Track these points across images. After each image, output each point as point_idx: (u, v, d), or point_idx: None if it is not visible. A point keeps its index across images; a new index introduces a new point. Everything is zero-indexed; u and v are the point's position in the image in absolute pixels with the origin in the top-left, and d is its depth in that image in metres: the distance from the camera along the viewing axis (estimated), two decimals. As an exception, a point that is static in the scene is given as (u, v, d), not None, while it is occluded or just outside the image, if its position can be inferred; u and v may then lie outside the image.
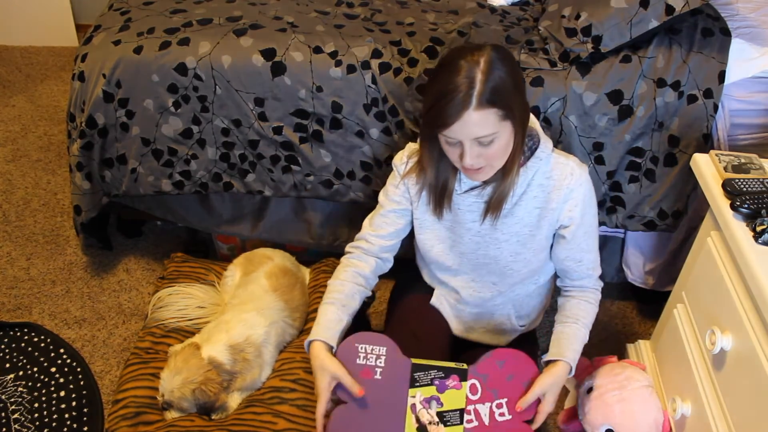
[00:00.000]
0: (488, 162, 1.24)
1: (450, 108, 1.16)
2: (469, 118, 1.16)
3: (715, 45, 1.61)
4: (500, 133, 1.20)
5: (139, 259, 2.09)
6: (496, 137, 1.20)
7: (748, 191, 1.28)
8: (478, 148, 1.21)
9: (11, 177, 2.38)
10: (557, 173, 1.33)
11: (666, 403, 1.49)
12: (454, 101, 1.16)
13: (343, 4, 1.94)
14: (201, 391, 1.45)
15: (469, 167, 1.24)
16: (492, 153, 1.22)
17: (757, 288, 1.12)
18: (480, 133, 1.18)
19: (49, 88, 2.89)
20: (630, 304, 2.03)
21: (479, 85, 1.15)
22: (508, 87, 1.18)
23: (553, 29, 1.71)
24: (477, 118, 1.16)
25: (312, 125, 1.72)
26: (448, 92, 1.17)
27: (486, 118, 1.17)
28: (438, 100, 1.18)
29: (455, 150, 1.23)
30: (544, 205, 1.35)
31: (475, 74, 1.16)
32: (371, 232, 1.49)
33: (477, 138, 1.19)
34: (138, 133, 1.76)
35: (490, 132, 1.18)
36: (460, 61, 1.18)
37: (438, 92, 1.19)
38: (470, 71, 1.16)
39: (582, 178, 1.33)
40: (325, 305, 1.42)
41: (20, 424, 1.57)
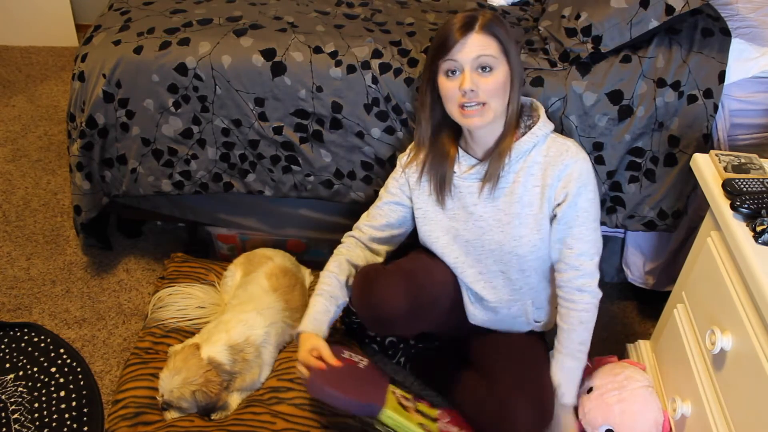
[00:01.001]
0: (486, 96, 1.30)
1: (453, 34, 1.28)
2: (472, 40, 1.28)
3: (715, 45, 1.61)
4: (499, 64, 1.30)
5: (139, 259, 2.09)
6: (495, 67, 1.29)
7: (748, 191, 1.28)
8: (477, 76, 1.29)
9: (11, 177, 2.38)
10: (553, 150, 1.37)
11: (666, 403, 1.49)
12: (458, 26, 1.28)
13: (343, 4, 1.94)
14: (202, 393, 1.45)
15: (467, 93, 1.29)
16: (489, 85, 1.29)
17: (757, 288, 1.12)
18: (482, 52, 1.28)
19: (49, 88, 2.89)
20: (630, 304, 2.03)
21: (481, 18, 1.29)
22: (506, 34, 1.31)
23: (553, 29, 1.71)
24: (479, 39, 1.28)
25: (312, 125, 1.72)
26: (451, 25, 1.30)
27: (488, 42, 1.28)
28: (441, 33, 1.31)
29: (455, 82, 1.30)
30: (541, 182, 1.37)
31: (477, 14, 1.31)
32: (365, 221, 1.53)
33: (478, 58, 1.28)
34: (138, 133, 1.76)
35: (490, 53, 1.28)
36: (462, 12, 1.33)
37: (441, 30, 1.33)
38: (472, 14, 1.31)
39: (578, 156, 1.36)
40: (315, 297, 1.47)
41: (20, 424, 1.57)
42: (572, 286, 1.42)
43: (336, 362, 1.36)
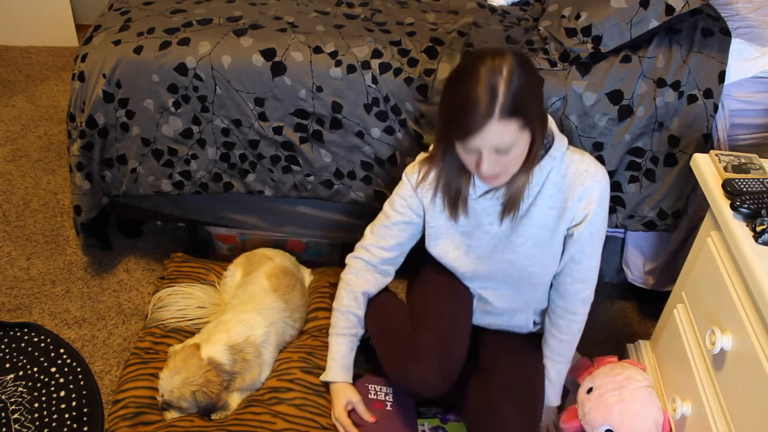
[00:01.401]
0: (504, 169, 1.24)
1: (471, 119, 1.15)
2: (490, 129, 1.15)
3: (715, 45, 1.61)
4: (519, 141, 1.19)
5: (139, 259, 2.09)
6: (515, 145, 1.19)
7: (748, 191, 1.28)
8: (496, 156, 1.20)
9: (11, 177, 2.38)
10: (572, 171, 1.32)
11: (666, 403, 1.49)
12: (476, 112, 1.14)
13: (343, 4, 1.94)
14: (202, 393, 1.45)
15: (486, 175, 1.24)
16: (509, 160, 1.22)
17: (757, 288, 1.12)
18: (500, 143, 1.17)
19: (49, 88, 2.89)
20: (630, 304, 2.03)
21: (502, 96, 1.13)
22: (529, 96, 1.17)
23: (553, 29, 1.71)
24: (498, 129, 1.15)
25: (312, 125, 1.72)
26: (469, 102, 1.15)
27: (507, 128, 1.16)
28: (458, 110, 1.17)
29: (471, 157, 1.23)
30: (560, 204, 1.34)
31: (498, 83, 1.14)
32: (373, 242, 1.48)
33: (496, 147, 1.18)
34: (138, 133, 1.76)
35: (510, 141, 1.18)
36: (481, 68, 1.15)
37: (458, 102, 1.17)
38: (492, 79, 1.14)
39: (598, 176, 1.32)
40: (336, 338, 1.48)
41: (20, 424, 1.57)
42: (578, 298, 1.43)
43: (370, 417, 1.42)
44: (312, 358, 1.58)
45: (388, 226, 1.47)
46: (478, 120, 1.14)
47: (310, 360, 1.58)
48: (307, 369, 1.55)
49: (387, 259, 1.49)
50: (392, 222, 1.46)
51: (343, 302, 1.49)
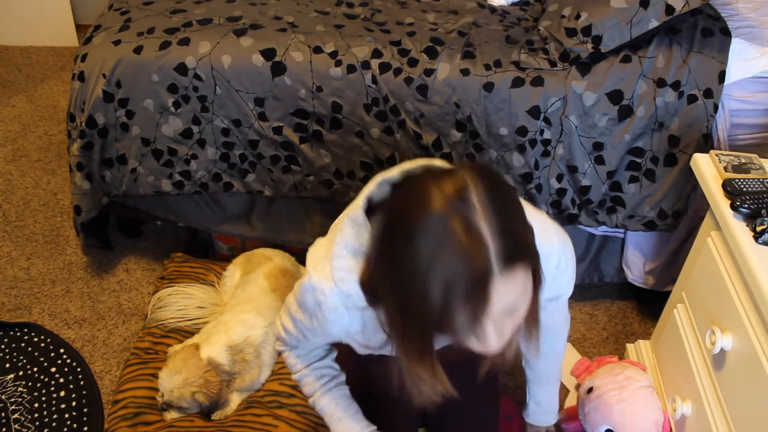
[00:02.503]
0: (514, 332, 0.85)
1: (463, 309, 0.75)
2: (496, 295, 0.75)
3: (715, 45, 1.61)
4: (527, 287, 0.80)
5: (139, 259, 2.09)
6: (524, 297, 0.80)
7: (748, 191, 1.28)
8: (501, 326, 0.81)
9: (11, 177, 2.38)
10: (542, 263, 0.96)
11: (666, 403, 1.49)
12: (466, 277, 0.73)
13: (343, 4, 1.94)
14: (202, 393, 1.45)
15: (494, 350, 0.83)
16: (518, 320, 0.83)
17: (757, 288, 1.12)
18: (514, 301, 0.78)
19: (49, 88, 2.89)
20: (630, 304, 2.03)
21: (492, 242, 0.74)
22: (517, 215, 0.79)
23: (553, 29, 1.71)
24: (503, 287, 0.75)
25: (312, 125, 1.72)
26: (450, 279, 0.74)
27: (515, 284, 0.77)
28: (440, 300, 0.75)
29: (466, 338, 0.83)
30: None
31: (474, 217, 0.74)
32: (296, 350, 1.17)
33: (505, 311, 0.79)
34: (138, 133, 1.76)
35: (522, 290, 0.78)
36: (438, 208, 0.74)
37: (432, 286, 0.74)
38: (467, 218, 0.74)
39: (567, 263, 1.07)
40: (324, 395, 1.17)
41: (20, 424, 1.57)
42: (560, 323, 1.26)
43: None
44: (312, 358, 1.58)
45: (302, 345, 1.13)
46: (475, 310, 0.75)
47: (311, 361, 1.58)
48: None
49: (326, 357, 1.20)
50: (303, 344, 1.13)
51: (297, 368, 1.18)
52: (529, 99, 1.62)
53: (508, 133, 1.66)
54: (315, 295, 0.96)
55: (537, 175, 1.71)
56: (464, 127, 1.67)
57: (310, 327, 1.03)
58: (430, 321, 0.77)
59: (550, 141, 1.66)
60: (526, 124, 1.64)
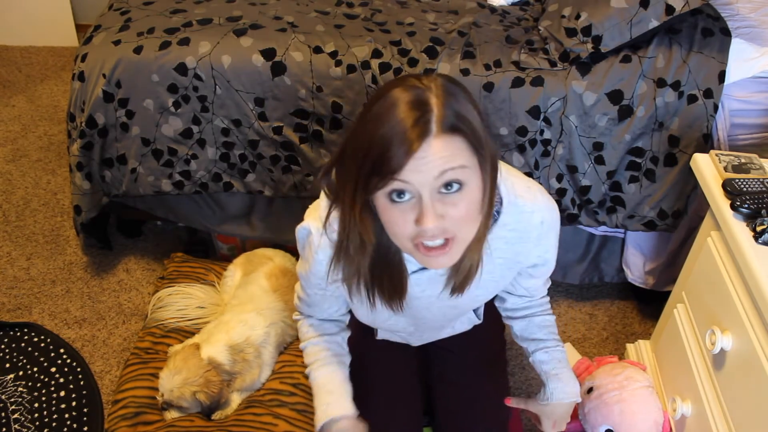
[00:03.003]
0: (454, 228, 0.89)
1: (400, 143, 0.82)
2: (429, 150, 0.83)
3: (715, 45, 1.61)
4: (470, 175, 0.87)
5: (139, 259, 2.09)
6: (465, 182, 0.87)
7: (748, 191, 1.28)
8: (442, 203, 0.87)
9: (11, 177, 2.38)
10: (523, 225, 1.06)
11: (666, 403, 1.49)
12: (404, 132, 0.82)
13: (343, 4, 1.94)
14: (203, 393, 1.45)
15: (431, 234, 0.88)
16: (461, 212, 0.88)
17: (757, 288, 1.12)
18: (446, 166, 0.84)
19: (49, 88, 2.89)
20: (630, 304, 2.03)
21: (437, 109, 0.84)
22: (474, 117, 0.87)
23: (553, 29, 1.71)
24: (441, 147, 0.84)
25: (312, 125, 1.72)
26: (391, 122, 0.83)
27: (453, 145, 0.85)
28: (375, 140, 0.84)
29: (407, 216, 0.87)
30: (510, 256, 1.10)
31: (428, 98, 0.85)
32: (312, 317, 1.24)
33: (442, 175, 0.84)
34: (138, 133, 1.76)
35: (460, 164, 0.85)
36: (398, 90, 0.86)
37: (379, 124, 0.84)
38: (419, 95, 0.84)
39: (552, 221, 1.09)
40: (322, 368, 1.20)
41: (20, 424, 1.57)
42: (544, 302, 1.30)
43: None
44: (312, 358, 1.58)
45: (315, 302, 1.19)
46: (411, 143, 0.82)
47: (311, 360, 1.57)
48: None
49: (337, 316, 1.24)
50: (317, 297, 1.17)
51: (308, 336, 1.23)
52: (529, 99, 1.62)
53: (508, 133, 1.66)
54: (305, 235, 1.05)
55: (537, 175, 1.71)
56: (464, 127, 1.66)
57: (306, 275, 1.10)
58: (368, 159, 0.85)
59: (550, 141, 1.66)
60: (526, 124, 1.64)
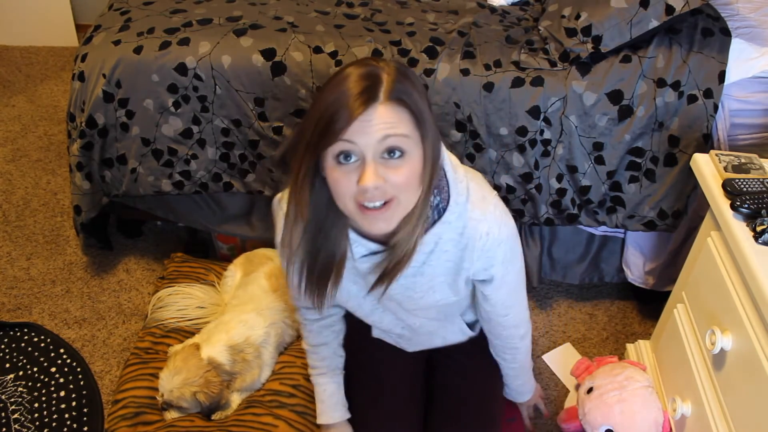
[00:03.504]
0: (394, 191, 0.96)
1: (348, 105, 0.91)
2: (375, 114, 0.92)
3: (715, 45, 1.61)
4: (411, 146, 0.96)
5: (139, 259, 2.09)
6: (407, 151, 0.95)
7: (748, 191, 1.28)
8: (384, 166, 0.95)
9: (11, 177, 2.38)
10: (470, 231, 1.10)
11: (666, 403, 1.49)
12: (353, 96, 0.91)
13: (343, 4, 1.94)
14: (203, 393, 1.45)
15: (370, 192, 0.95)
16: (401, 178, 0.95)
17: (757, 288, 1.12)
18: (390, 131, 0.93)
19: (49, 88, 2.89)
20: (630, 304, 2.03)
21: (386, 82, 0.93)
22: (420, 97, 0.97)
23: (553, 29, 1.71)
24: (385, 113, 0.92)
25: (312, 125, 1.71)
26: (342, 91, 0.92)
27: (397, 115, 0.94)
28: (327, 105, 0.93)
29: (351, 176, 0.95)
30: (456, 259, 1.13)
31: (379, 72, 0.94)
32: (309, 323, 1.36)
33: (385, 139, 0.93)
34: (138, 133, 1.76)
35: (402, 132, 0.94)
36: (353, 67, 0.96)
37: (326, 99, 0.93)
38: (371, 70, 0.94)
39: (500, 237, 1.11)
40: (316, 377, 1.39)
41: (20, 424, 1.57)
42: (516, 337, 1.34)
43: None
44: (313, 359, 1.58)
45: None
46: (358, 106, 0.91)
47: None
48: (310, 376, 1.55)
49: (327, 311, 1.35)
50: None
51: (309, 340, 1.38)
52: (529, 99, 1.62)
53: (508, 133, 1.66)
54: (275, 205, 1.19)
55: (537, 175, 1.71)
56: (464, 127, 1.67)
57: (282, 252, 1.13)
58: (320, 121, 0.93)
59: (550, 141, 1.66)
60: (526, 124, 1.64)
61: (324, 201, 1.03)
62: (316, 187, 1.02)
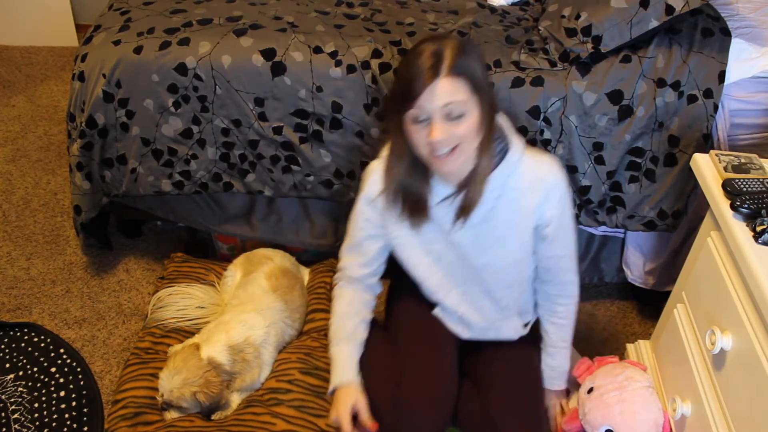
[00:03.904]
0: (457, 141, 1.20)
1: (418, 81, 1.15)
2: (438, 86, 1.15)
3: (715, 45, 1.61)
4: (470, 107, 1.18)
5: (139, 259, 2.09)
6: (466, 112, 1.18)
7: (748, 191, 1.28)
8: (448, 124, 1.18)
9: (11, 177, 2.38)
10: (532, 175, 1.31)
11: (666, 404, 1.49)
12: (422, 72, 1.15)
13: (343, 4, 1.94)
14: (202, 393, 1.45)
15: (437, 144, 1.19)
16: (462, 131, 1.19)
17: (757, 288, 1.12)
18: (450, 99, 1.16)
19: (49, 88, 2.89)
20: (630, 304, 2.03)
21: (448, 59, 1.15)
22: (477, 67, 1.19)
23: (553, 29, 1.71)
24: (447, 85, 1.15)
25: (312, 125, 1.72)
26: (415, 66, 1.16)
27: (456, 86, 1.16)
28: (405, 80, 1.18)
29: (423, 132, 1.20)
30: (523, 208, 1.32)
31: (443, 50, 1.16)
32: (350, 262, 1.49)
33: (447, 105, 1.16)
34: (138, 133, 1.76)
35: (461, 99, 1.16)
36: (425, 44, 1.19)
37: (404, 72, 1.19)
38: (438, 49, 1.17)
39: (558, 177, 1.32)
40: (336, 346, 1.47)
41: (20, 424, 1.57)
42: (570, 285, 1.45)
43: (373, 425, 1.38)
44: (311, 359, 1.58)
45: (357, 244, 1.46)
46: (425, 80, 1.15)
47: (309, 361, 1.57)
48: (305, 370, 1.55)
49: (369, 273, 1.48)
50: (357, 240, 1.45)
51: (335, 310, 1.50)
52: (529, 99, 1.62)
53: (508, 133, 1.66)
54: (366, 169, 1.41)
55: (537, 175, 1.71)
56: (464, 127, 1.67)
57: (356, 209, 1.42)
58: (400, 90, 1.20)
59: (550, 141, 1.66)
60: (526, 124, 1.64)
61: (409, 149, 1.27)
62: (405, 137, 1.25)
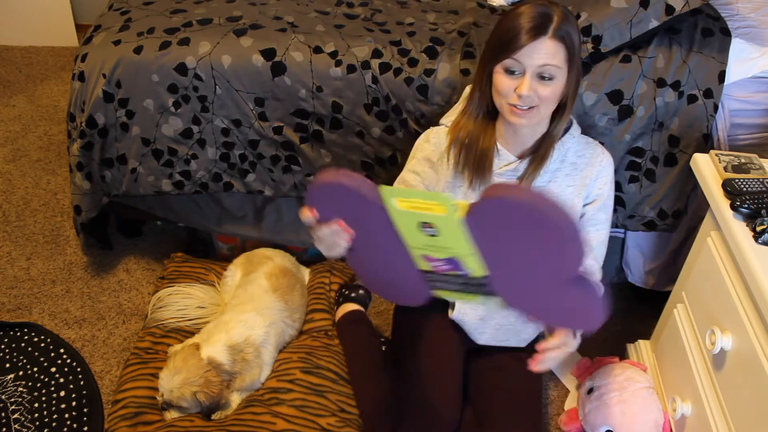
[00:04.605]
0: (540, 102, 1.25)
1: (523, 33, 1.19)
2: (541, 45, 1.20)
3: (715, 45, 1.61)
4: (560, 74, 1.23)
5: (139, 259, 2.09)
6: (556, 77, 1.23)
7: (748, 191, 1.28)
8: (537, 82, 1.23)
9: (11, 177, 2.38)
10: (589, 152, 1.40)
11: (666, 404, 1.49)
12: (529, 28, 1.19)
13: (343, 4, 1.94)
14: (203, 393, 1.45)
15: (524, 98, 1.23)
16: (546, 93, 1.24)
17: (757, 288, 1.12)
18: (548, 61, 1.20)
19: (49, 88, 2.89)
20: (630, 304, 2.03)
21: (555, 22, 1.20)
22: (576, 39, 1.24)
23: (553, 29, 1.71)
24: (550, 46, 1.20)
25: (312, 125, 1.72)
26: (522, 20, 1.20)
27: (556, 50, 1.21)
28: (509, 29, 1.21)
29: (511, 81, 1.24)
30: (577, 182, 1.39)
31: (552, 13, 1.21)
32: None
33: (543, 66, 1.21)
34: (138, 133, 1.76)
35: (556, 63, 1.21)
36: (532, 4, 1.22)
37: (509, 24, 1.22)
38: (547, 11, 1.21)
39: (610, 159, 1.41)
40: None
41: (20, 424, 1.57)
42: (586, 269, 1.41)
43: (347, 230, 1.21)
44: (311, 358, 1.58)
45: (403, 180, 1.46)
46: (532, 35, 1.19)
47: (310, 360, 1.58)
48: (306, 369, 1.55)
49: None
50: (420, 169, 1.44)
51: None
52: (529, 99, 1.62)
53: (508, 133, 1.66)
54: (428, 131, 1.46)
55: (537, 175, 1.71)
56: (464, 127, 1.67)
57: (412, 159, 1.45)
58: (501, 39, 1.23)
59: (550, 141, 1.66)
60: (526, 124, 1.64)
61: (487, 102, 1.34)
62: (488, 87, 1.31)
